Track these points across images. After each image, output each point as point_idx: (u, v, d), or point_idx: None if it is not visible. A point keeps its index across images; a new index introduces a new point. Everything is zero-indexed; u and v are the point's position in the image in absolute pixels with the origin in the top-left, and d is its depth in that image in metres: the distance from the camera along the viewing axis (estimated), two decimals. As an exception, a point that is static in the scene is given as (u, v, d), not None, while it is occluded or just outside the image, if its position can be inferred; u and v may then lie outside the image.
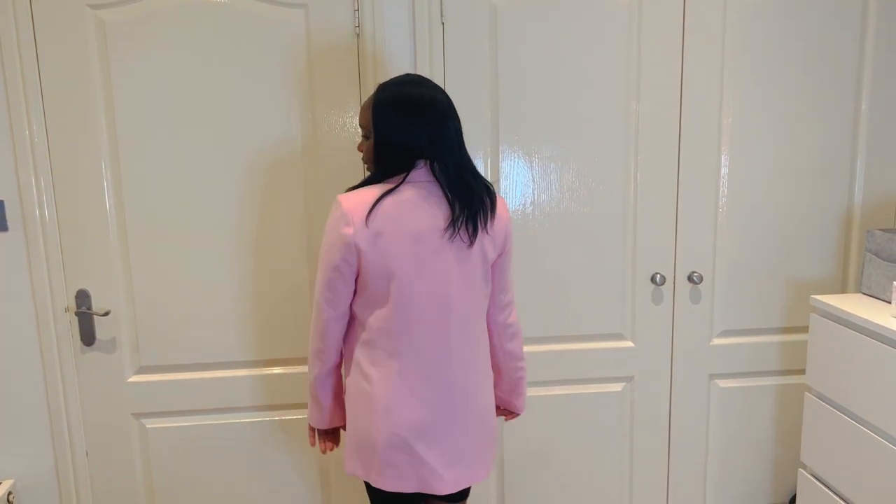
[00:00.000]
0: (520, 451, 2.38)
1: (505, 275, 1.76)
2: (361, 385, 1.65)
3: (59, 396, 2.16)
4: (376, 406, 1.63)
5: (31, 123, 2.02)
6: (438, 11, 2.10)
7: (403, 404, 1.62)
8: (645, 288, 2.31)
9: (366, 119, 1.63)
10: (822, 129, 2.27)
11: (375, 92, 1.64)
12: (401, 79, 1.65)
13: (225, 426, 2.26)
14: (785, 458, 2.48)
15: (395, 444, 1.63)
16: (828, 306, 2.05)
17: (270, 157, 2.12)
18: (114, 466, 2.25)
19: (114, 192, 2.09)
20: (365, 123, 1.64)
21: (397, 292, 1.58)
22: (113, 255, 2.12)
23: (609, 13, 2.15)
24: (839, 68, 2.24)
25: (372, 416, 1.63)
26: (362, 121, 1.65)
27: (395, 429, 1.62)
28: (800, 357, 2.39)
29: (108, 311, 2.13)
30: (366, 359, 1.64)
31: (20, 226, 2.06)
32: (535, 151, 2.21)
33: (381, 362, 1.63)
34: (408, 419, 1.62)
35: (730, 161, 2.26)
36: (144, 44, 2.03)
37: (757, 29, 2.20)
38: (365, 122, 1.64)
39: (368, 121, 1.62)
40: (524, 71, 2.15)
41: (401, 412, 1.62)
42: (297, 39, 2.08)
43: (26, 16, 1.97)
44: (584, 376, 2.36)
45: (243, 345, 2.22)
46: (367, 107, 1.63)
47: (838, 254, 2.36)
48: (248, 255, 2.17)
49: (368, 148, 1.65)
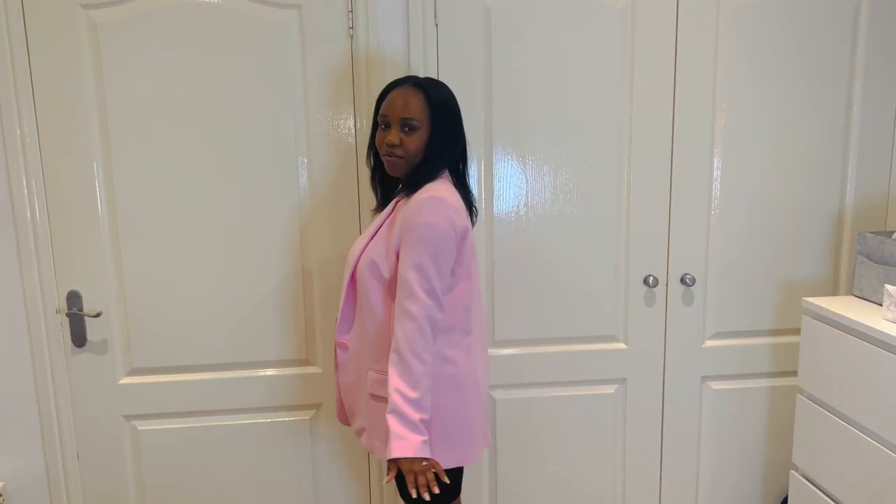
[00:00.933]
0: (512, 452, 2.38)
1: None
2: (446, 371, 1.72)
3: (49, 398, 2.15)
4: (465, 383, 1.74)
5: (22, 124, 2.01)
6: (432, 13, 2.10)
7: (482, 373, 1.80)
8: (638, 290, 2.32)
9: (419, 111, 1.68)
10: (814, 130, 2.28)
11: (430, 86, 1.71)
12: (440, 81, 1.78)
13: (217, 428, 2.26)
14: (777, 459, 2.49)
15: (484, 411, 1.81)
16: (819, 308, 2.05)
17: (262, 157, 2.12)
18: (105, 468, 2.24)
19: (105, 192, 2.08)
20: (418, 115, 1.68)
21: (475, 270, 1.77)
22: (104, 256, 2.11)
23: (603, 15, 2.15)
24: (831, 70, 2.25)
25: (464, 395, 1.74)
26: (406, 113, 1.67)
27: (483, 397, 1.80)
28: (792, 359, 2.40)
29: (100, 313, 2.12)
30: (446, 345, 1.71)
31: (11, 226, 2.05)
32: (528, 153, 2.21)
33: (458, 342, 1.73)
34: (486, 385, 1.82)
35: (722, 163, 2.27)
36: (137, 44, 2.02)
37: (749, 31, 2.20)
38: (418, 114, 1.68)
39: (423, 113, 1.68)
40: (518, 73, 2.16)
41: (482, 381, 1.79)
42: (290, 40, 2.07)
43: (18, 15, 1.96)
44: (577, 378, 2.36)
45: (235, 347, 2.21)
46: (420, 99, 1.68)
47: (830, 255, 2.37)
48: (239, 257, 2.16)
49: (419, 140, 1.69)
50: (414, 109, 1.68)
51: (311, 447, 2.30)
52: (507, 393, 2.34)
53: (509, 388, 2.34)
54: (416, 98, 1.69)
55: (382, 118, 1.72)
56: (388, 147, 1.69)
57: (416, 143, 1.69)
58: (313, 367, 2.25)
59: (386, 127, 1.72)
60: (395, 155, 1.69)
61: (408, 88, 1.70)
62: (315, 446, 2.31)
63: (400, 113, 1.68)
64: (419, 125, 1.68)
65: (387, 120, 1.71)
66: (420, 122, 1.68)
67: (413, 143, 1.69)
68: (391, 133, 1.69)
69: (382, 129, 1.73)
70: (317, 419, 2.29)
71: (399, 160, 1.70)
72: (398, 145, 1.68)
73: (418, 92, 1.70)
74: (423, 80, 1.75)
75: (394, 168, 1.72)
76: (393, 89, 1.74)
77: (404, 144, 1.68)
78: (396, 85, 1.75)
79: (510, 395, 2.34)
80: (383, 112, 1.72)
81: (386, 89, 1.77)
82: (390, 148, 1.69)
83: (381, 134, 1.73)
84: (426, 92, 1.70)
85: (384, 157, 1.72)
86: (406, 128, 1.68)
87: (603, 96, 2.20)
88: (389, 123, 1.70)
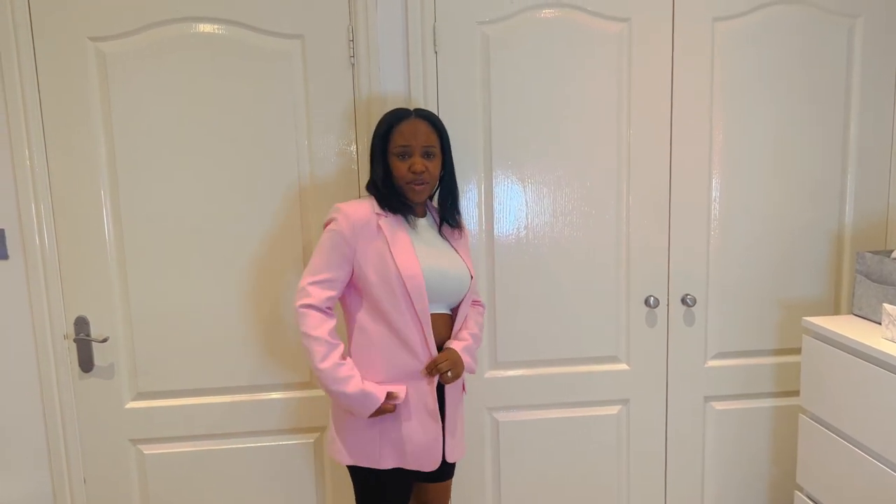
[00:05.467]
0: (516, 474, 2.38)
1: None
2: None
3: (57, 422, 2.17)
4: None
5: (31, 153, 2.05)
6: (431, 40, 2.14)
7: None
8: (639, 311, 2.33)
9: (433, 140, 1.84)
10: (812, 149, 2.30)
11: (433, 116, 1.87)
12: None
13: (221, 451, 2.27)
14: (781, 480, 2.48)
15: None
16: (819, 328, 2.06)
17: (268, 183, 2.15)
18: (111, 492, 2.26)
19: (112, 219, 2.12)
20: (434, 142, 1.85)
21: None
22: (112, 281, 2.15)
23: (599, 39, 2.19)
24: (828, 90, 2.28)
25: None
26: (428, 141, 1.83)
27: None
28: (794, 378, 2.40)
29: (107, 338, 2.15)
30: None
31: (20, 253, 2.09)
32: (528, 176, 2.24)
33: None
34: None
35: (721, 183, 2.29)
36: (144, 75, 2.07)
37: (746, 53, 2.23)
38: (434, 141, 1.85)
39: (437, 140, 1.86)
40: (517, 97, 2.19)
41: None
42: (293, 69, 2.12)
43: (28, 47, 2.02)
44: (580, 399, 2.37)
45: (241, 370, 2.23)
46: (430, 128, 1.84)
47: (830, 275, 2.37)
48: (245, 281, 2.19)
49: (438, 165, 1.87)
50: (432, 138, 1.84)
51: (314, 470, 2.31)
52: (510, 415, 2.35)
53: (511, 409, 2.35)
54: (428, 127, 1.84)
55: (403, 149, 1.82)
56: (415, 174, 1.81)
57: (437, 167, 1.86)
58: (316, 390, 2.27)
59: (406, 157, 1.82)
60: (422, 181, 1.82)
61: (418, 120, 1.84)
62: (318, 470, 2.32)
63: (423, 142, 1.82)
64: (436, 151, 1.85)
65: (408, 150, 1.82)
66: (436, 148, 1.85)
67: (435, 168, 1.85)
68: (415, 161, 1.81)
69: (401, 159, 1.82)
70: (320, 442, 2.31)
71: (425, 185, 1.84)
72: (425, 171, 1.81)
73: (427, 122, 1.85)
74: (424, 111, 1.89)
75: (420, 194, 1.85)
76: (400, 122, 1.83)
77: (429, 170, 1.82)
78: (402, 117, 1.84)
79: (512, 416, 2.35)
80: (403, 143, 1.82)
81: (389, 121, 1.84)
82: (417, 175, 1.81)
83: (401, 163, 1.82)
84: (432, 121, 1.87)
85: (409, 184, 1.83)
86: (428, 155, 1.83)
87: (601, 119, 2.23)
88: (411, 153, 1.82)
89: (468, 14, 2.15)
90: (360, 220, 1.80)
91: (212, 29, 2.07)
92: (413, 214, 1.89)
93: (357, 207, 1.82)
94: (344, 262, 1.80)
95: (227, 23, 2.07)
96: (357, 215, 1.80)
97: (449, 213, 1.94)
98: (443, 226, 1.94)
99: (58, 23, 2.02)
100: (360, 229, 1.79)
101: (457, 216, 1.95)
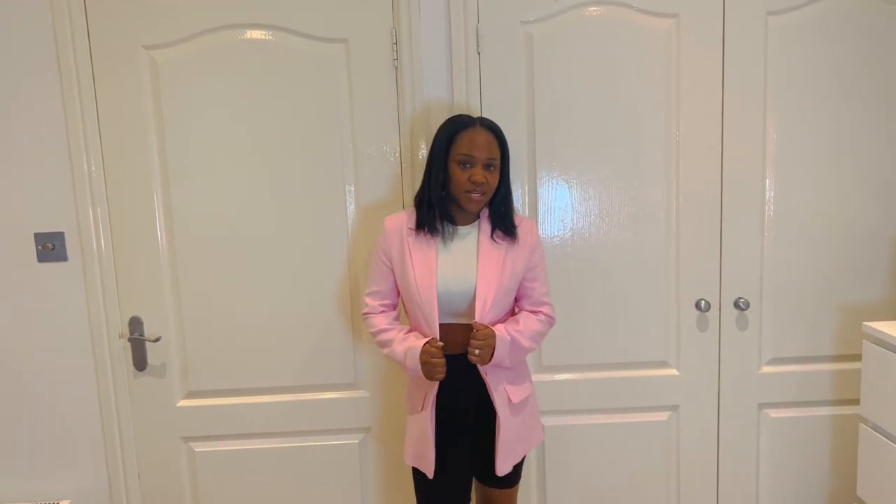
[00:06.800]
0: (563, 480, 2.35)
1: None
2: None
3: (112, 420, 2.25)
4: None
5: (89, 158, 2.13)
6: (475, 42, 2.13)
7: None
8: (689, 314, 2.27)
9: (496, 153, 1.85)
10: (871, 148, 2.20)
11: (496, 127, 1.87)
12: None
13: (270, 450, 2.31)
14: (841, 492, 2.38)
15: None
16: (881, 334, 1.97)
17: (314, 186, 2.18)
18: (164, 488, 2.32)
19: (164, 222, 2.19)
20: (497, 155, 1.86)
21: None
22: (164, 282, 2.21)
23: (647, 37, 2.15)
24: (886, 86, 2.17)
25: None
26: (491, 154, 1.84)
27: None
28: (854, 386, 2.29)
29: (159, 338, 2.21)
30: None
31: (78, 255, 2.17)
32: (573, 177, 2.20)
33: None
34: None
35: (775, 183, 2.21)
36: (194, 81, 2.12)
37: (800, 47, 2.15)
38: (497, 154, 1.86)
39: (498, 154, 1.86)
40: (561, 97, 2.16)
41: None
42: (338, 73, 2.14)
43: (85, 56, 2.10)
44: (628, 405, 2.32)
45: (289, 371, 2.27)
46: (494, 140, 1.85)
47: (892, 277, 2.26)
48: (293, 282, 2.22)
49: (497, 178, 1.87)
50: (495, 150, 1.85)
51: (359, 471, 2.33)
52: (557, 419, 2.32)
53: (558, 414, 2.31)
54: (492, 138, 1.85)
55: (467, 157, 1.82)
56: (475, 185, 1.81)
57: (496, 179, 1.86)
58: (361, 391, 2.28)
59: (468, 165, 1.83)
60: (480, 192, 1.83)
61: (484, 130, 1.85)
62: (363, 470, 2.33)
63: (487, 154, 1.83)
64: (497, 164, 1.86)
65: (472, 160, 1.82)
66: (497, 161, 1.86)
67: (494, 180, 1.85)
68: (476, 172, 1.82)
69: (462, 168, 1.83)
70: (365, 443, 2.32)
71: (483, 196, 1.84)
72: (484, 182, 1.81)
73: (491, 133, 1.86)
74: (488, 121, 1.89)
75: (476, 204, 1.85)
76: (465, 129, 1.84)
77: (489, 181, 1.83)
78: (466, 125, 1.85)
79: (560, 421, 2.32)
80: (468, 152, 1.82)
81: (454, 128, 1.85)
82: (477, 185, 1.82)
83: (462, 172, 1.83)
84: (496, 133, 1.87)
85: (467, 193, 1.83)
86: (490, 167, 1.84)
87: (649, 118, 2.18)
88: (474, 163, 1.82)
89: (511, 14, 2.13)
90: (391, 231, 1.91)
91: (259, 35, 2.11)
92: (452, 224, 1.89)
93: (393, 220, 1.93)
94: (387, 273, 1.94)
95: (273, 28, 2.11)
96: (389, 227, 1.92)
97: (501, 222, 1.90)
98: (495, 232, 1.90)
99: (114, 31, 2.09)
100: (390, 240, 1.91)
101: (511, 227, 1.90)
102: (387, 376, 2.27)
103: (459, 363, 1.85)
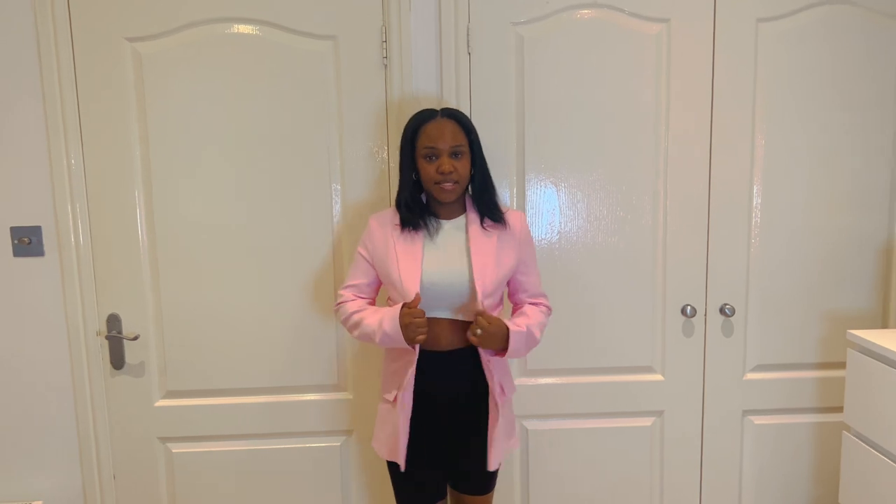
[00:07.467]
0: (547, 485, 2.33)
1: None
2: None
3: (88, 418, 2.20)
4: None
5: (68, 151, 2.08)
6: (465, 42, 2.12)
7: None
8: (675, 320, 2.26)
9: (461, 139, 1.82)
10: (859, 156, 2.21)
11: (459, 114, 1.84)
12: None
13: (249, 452, 2.27)
14: (823, 499, 2.38)
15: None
16: (865, 342, 1.97)
17: (298, 184, 2.15)
18: (140, 489, 2.27)
19: (146, 219, 2.14)
20: (462, 141, 1.82)
21: None
22: (143, 280, 2.16)
23: (637, 41, 2.14)
24: (877, 95, 2.19)
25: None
26: (455, 141, 1.80)
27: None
28: (838, 394, 2.29)
29: (138, 336, 2.16)
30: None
31: (55, 251, 2.12)
32: (561, 180, 2.19)
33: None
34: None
35: (763, 189, 2.21)
36: (179, 75, 2.08)
37: (790, 55, 2.16)
38: (462, 140, 1.82)
39: (464, 139, 1.82)
40: (551, 99, 2.15)
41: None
42: (326, 69, 2.11)
43: (67, 47, 2.05)
44: (613, 410, 2.31)
45: (269, 372, 2.23)
46: (457, 127, 1.82)
47: (878, 287, 2.28)
48: (276, 282, 2.19)
49: (467, 164, 1.83)
50: (460, 137, 1.82)
51: (340, 474, 2.30)
52: (541, 423, 2.30)
53: (543, 418, 2.30)
54: (454, 126, 1.82)
55: (431, 150, 1.80)
56: (443, 175, 1.79)
57: (466, 166, 1.83)
58: (345, 392, 2.25)
59: (434, 158, 1.81)
60: (451, 181, 1.80)
61: (444, 119, 1.83)
62: (344, 473, 2.30)
63: (451, 142, 1.80)
64: (464, 150, 1.82)
65: (436, 151, 1.80)
66: (464, 147, 1.82)
67: (464, 168, 1.82)
68: (443, 162, 1.79)
69: (429, 161, 1.81)
70: (347, 445, 2.29)
71: (455, 185, 1.81)
72: (453, 171, 1.79)
73: (453, 121, 1.83)
74: (449, 109, 1.86)
75: (450, 194, 1.82)
76: (426, 122, 1.82)
77: (457, 170, 1.80)
78: (428, 118, 1.83)
79: (544, 425, 2.30)
80: (431, 145, 1.80)
81: (416, 123, 1.84)
82: (445, 175, 1.79)
83: (428, 165, 1.81)
84: (458, 119, 1.84)
85: (437, 185, 1.81)
86: (456, 155, 1.81)
87: (638, 122, 2.17)
88: (438, 154, 1.80)
89: (502, 15, 2.11)
90: (375, 227, 1.90)
91: (246, 30, 2.08)
92: (437, 218, 1.87)
93: (379, 217, 1.91)
94: (367, 269, 1.92)
95: (261, 23, 2.08)
96: (374, 223, 1.91)
97: (487, 210, 1.87)
98: (484, 220, 1.87)
99: (96, 22, 2.05)
100: (374, 236, 1.89)
101: (497, 212, 1.88)
102: (370, 379, 2.24)
103: (448, 359, 1.83)
